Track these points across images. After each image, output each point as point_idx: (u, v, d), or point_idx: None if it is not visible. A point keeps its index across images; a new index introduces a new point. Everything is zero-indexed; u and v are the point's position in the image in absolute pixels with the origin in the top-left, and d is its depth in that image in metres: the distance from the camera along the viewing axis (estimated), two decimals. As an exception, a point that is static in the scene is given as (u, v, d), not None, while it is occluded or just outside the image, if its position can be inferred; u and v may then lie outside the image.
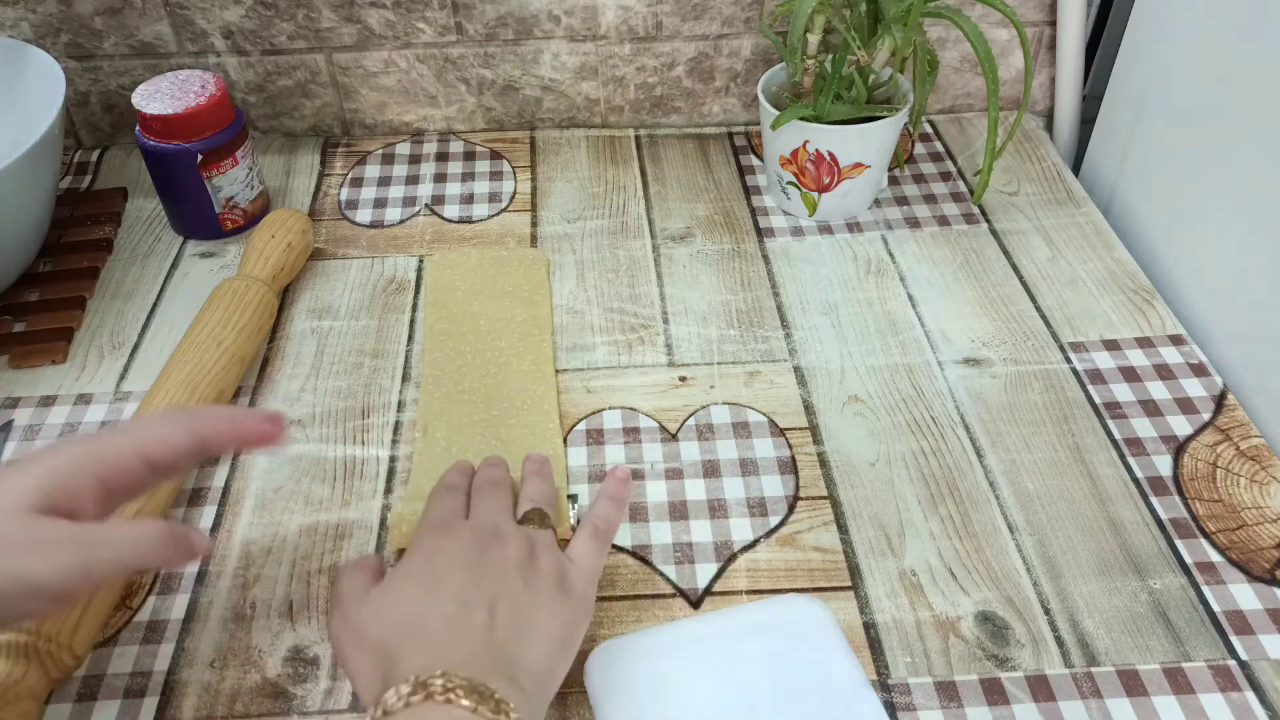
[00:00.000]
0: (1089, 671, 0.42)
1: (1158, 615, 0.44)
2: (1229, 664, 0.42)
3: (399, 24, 0.71)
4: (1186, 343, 0.57)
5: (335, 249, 0.66)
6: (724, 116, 0.77)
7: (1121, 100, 0.68)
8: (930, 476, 0.50)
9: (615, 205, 0.69)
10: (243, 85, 0.74)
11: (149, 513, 0.45)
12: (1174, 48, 0.62)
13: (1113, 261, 0.63)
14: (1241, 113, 0.55)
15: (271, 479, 0.51)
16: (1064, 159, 0.73)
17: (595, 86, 0.75)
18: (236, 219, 0.66)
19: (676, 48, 0.73)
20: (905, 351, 0.57)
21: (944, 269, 0.63)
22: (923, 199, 0.69)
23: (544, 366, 0.56)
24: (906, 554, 0.47)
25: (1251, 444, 0.51)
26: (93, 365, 0.57)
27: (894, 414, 0.53)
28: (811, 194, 0.65)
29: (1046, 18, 0.73)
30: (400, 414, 0.54)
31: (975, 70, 0.75)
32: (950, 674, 0.42)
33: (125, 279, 0.63)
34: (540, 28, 0.72)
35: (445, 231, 0.67)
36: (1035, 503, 0.49)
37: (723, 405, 0.54)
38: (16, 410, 0.54)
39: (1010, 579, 0.45)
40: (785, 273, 0.63)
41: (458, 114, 0.76)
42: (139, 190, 0.71)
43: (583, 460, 0.51)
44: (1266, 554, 0.46)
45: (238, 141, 0.63)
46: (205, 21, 0.70)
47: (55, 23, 0.70)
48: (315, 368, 0.57)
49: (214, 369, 0.51)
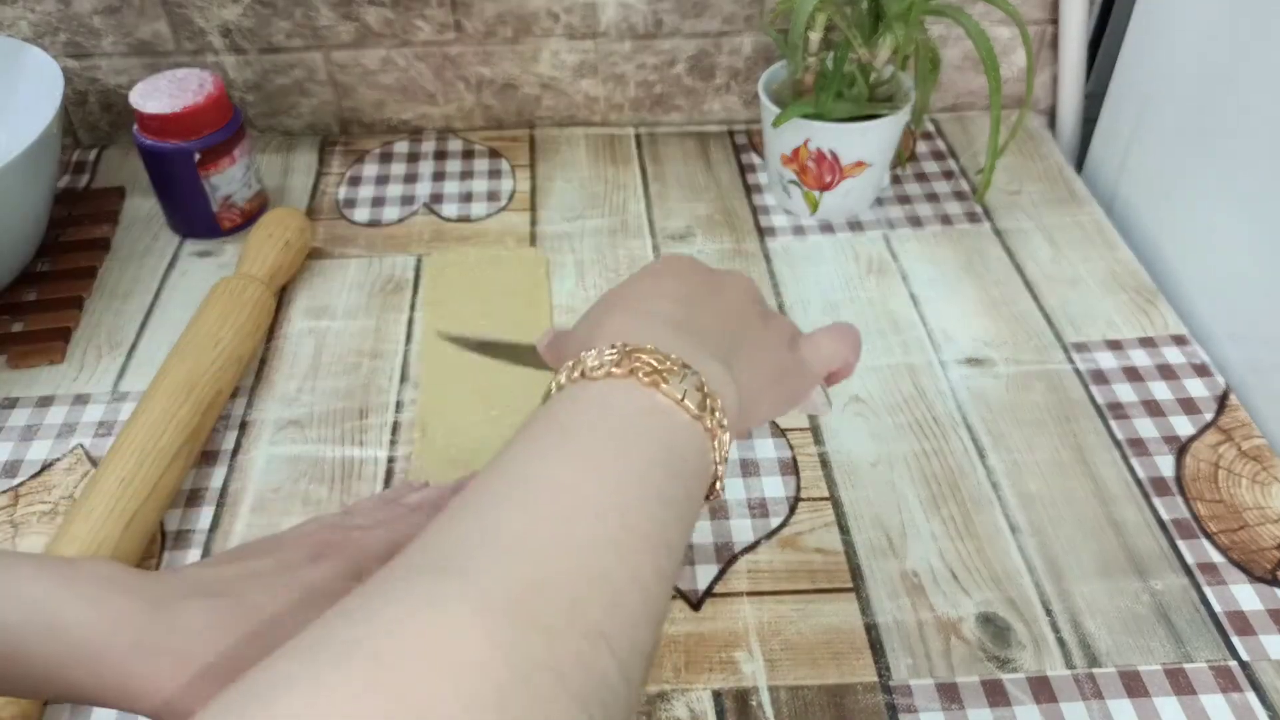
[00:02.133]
0: (1090, 672, 0.42)
1: (1159, 616, 0.44)
2: (1230, 665, 0.42)
3: (397, 22, 0.71)
4: (1189, 343, 0.57)
5: (333, 248, 0.65)
6: (725, 114, 0.76)
7: (1124, 99, 0.68)
8: (932, 477, 0.50)
9: (615, 204, 0.69)
10: (240, 84, 0.73)
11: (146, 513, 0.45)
12: (1176, 46, 0.62)
13: (1115, 261, 0.63)
14: (1244, 111, 0.55)
15: (269, 479, 0.51)
16: (1066, 158, 0.73)
17: (595, 84, 0.74)
18: (234, 218, 0.66)
19: (677, 45, 0.73)
20: (907, 351, 0.57)
21: (946, 268, 0.63)
22: (925, 198, 0.68)
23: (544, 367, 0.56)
24: (908, 555, 0.46)
25: (1253, 444, 0.51)
26: (90, 365, 0.57)
27: (896, 414, 0.53)
28: (813, 192, 0.65)
29: (1049, 16, 0.72)
30: (399, 414, 0.54)
31: (977, 68, 0.75)
32: (951, 675, 0.42)
33: (123, 278, 0.63)
34: (539, 25, 0.71)
35: (444, 230, 0.67)
36: (1037, 503, 0.49)
37: (723, 405, 0.54)
38: (15, 410, 0.54)
39: (1012, 580, 0.45)
40: (786, 272, 0.63)
41: (456, 112, 0.76)
42: (137, 189, 0.70)
43: (582, 461, 0.51)
44: (1268, 554, 0.46)
45: (235, 140, 0.63)
46: (203, 20, 0.70)
47: (53, 22, 0.70)
48: (313, 367, 0.57)
49: (212, 368, 0.51)
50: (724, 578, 0.46)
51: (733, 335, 0.32)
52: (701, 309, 0.32)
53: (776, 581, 0.45)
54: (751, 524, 0.48)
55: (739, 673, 0.42)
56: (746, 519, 0.48)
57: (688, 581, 0.45)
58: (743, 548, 0.47)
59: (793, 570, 0.46)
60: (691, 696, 0.41)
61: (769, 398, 0.34)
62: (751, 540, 0.47)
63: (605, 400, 0.28)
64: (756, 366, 0.33)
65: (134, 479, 0.45)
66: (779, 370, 0.34)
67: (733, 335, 0.32)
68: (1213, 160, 0.58)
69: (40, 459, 0.52)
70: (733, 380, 0.30)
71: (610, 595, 0.24)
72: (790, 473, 0.50)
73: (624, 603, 0.24)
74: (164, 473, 0.47)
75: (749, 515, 0.48)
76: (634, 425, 0.27)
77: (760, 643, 0.43)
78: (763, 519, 0.48)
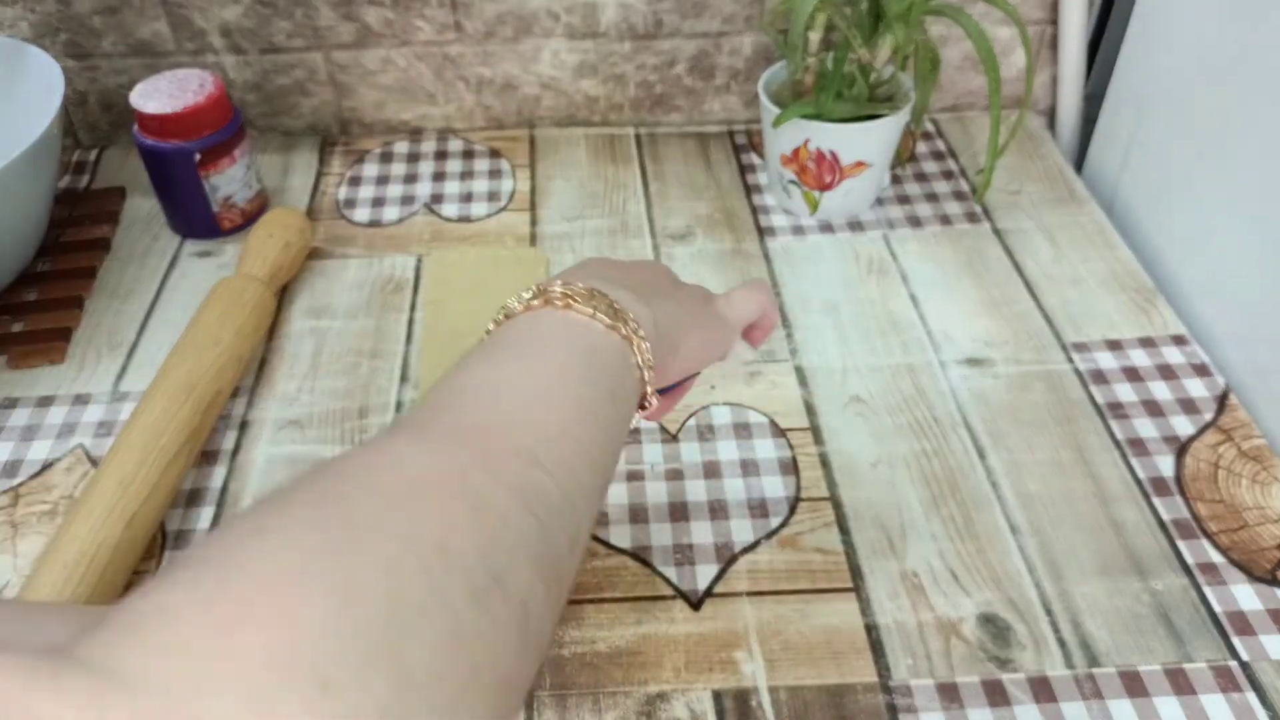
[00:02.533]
0: (1090, 673, 0.42)
1: (1159, 616, 0.44)
2: (1230, 665, 0.42)
3: (397, 22, 0.71)
4: (1189, 343, 0.57)
5: (333, 248, 0.65)
6: (725, 115, 0.77)
7: (1124, 99, 0.68)
8: (932, 477, 0.50)
9: (615, 204, 0.69)
10: (241, 84, 0.73)
11: (146, 513, 0.45)
12: (1176, 46, 0.62)
13: (1115, 261, 0.63)
14: (1244, 111, 0.55)
15: (270, 479, 0.51)
16: (1066, 158, 0.73)
17: (595, 84, 0.74)
18: (234, 218, 0.66)
19: (677, 45, 0.73)
20: (907, 351, 0.57)
21: (946, 268, 0.63)
22: (925, 198, 0.68)
23: (544, 366, 0.56)
24: (908, 555, 0.46)
25: (1253, 444, 0.51)
26: (91, 365, 0.57)
27: (896, 414, 0.53)
28: (813, 193, 0.65)
29: (1048, 16, 0.72)
30: (399, 414, 0.54)
31: (977, 68, 0.75)
32: (952, 675, 0.42)
33: (123, 278, 0.63)
34: (539, 25, 0.71)
35: (444, 230, 0.67)
36: (1037, 503, 0.49)
37: (723, 406, 0.54)
38: (15, 410, 0.54)
39: (1012, 580, 0.45)
40: (786, 272, 0.63)
41: (456, 112, 0.76)
42: (137, 190, 0.70)
43: (582, 461, 0.51)
44: (1268, 554, 0.46)
45: (236, 140, 0.63)
46: (203, 20, 0.70)
47: (53, 22, 0.70)
48: (313, 367, 0.57)
49: (212, 369, 0.51)
50: (724, 578, 0.46)
51: (647, 286, 0.36)
52: (619, 276, 0.36)
53: (776, 581, 0.45)
54: (751, 524, 0.48)
55: (739, 673, 0.42)
56: (746, 519, 0.48)
57: (688, 581, 0.45)
58: (743, 548, 0.47)
59: (793, 570, 0.46)
60: (691, 696, 0.41)
61: (691, 341, 0.37)
62: (751, 540, 0.47)
63: (528, 325, 0.33)
64: (673, 310, 0.37)
65: (134, 479, 0.45)
66: (697, 318, 0.38)
67: (647, 286, 0.36)
68: (1213, 160, 0.58)
69: (40, 459, 0.52)
70: (648, 309, 0.34)
71: (540, 434, 0.28)
72: (790, 472, 0.50)
73: (553, 442, 0.28)
74: (164, 473, 0.47)
75: (749, 515, 0.48)
76: (553, 335, 0.32)
77: (760, 643, 0.43)
78: (762, 519, 0.48)
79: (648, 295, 0.35)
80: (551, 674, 0.42)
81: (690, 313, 0.38)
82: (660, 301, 0.36)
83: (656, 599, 0.45)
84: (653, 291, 0.36)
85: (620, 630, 0.44)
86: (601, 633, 0.44)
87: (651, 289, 0.37)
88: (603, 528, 0.48)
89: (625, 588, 0.45)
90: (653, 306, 0.35)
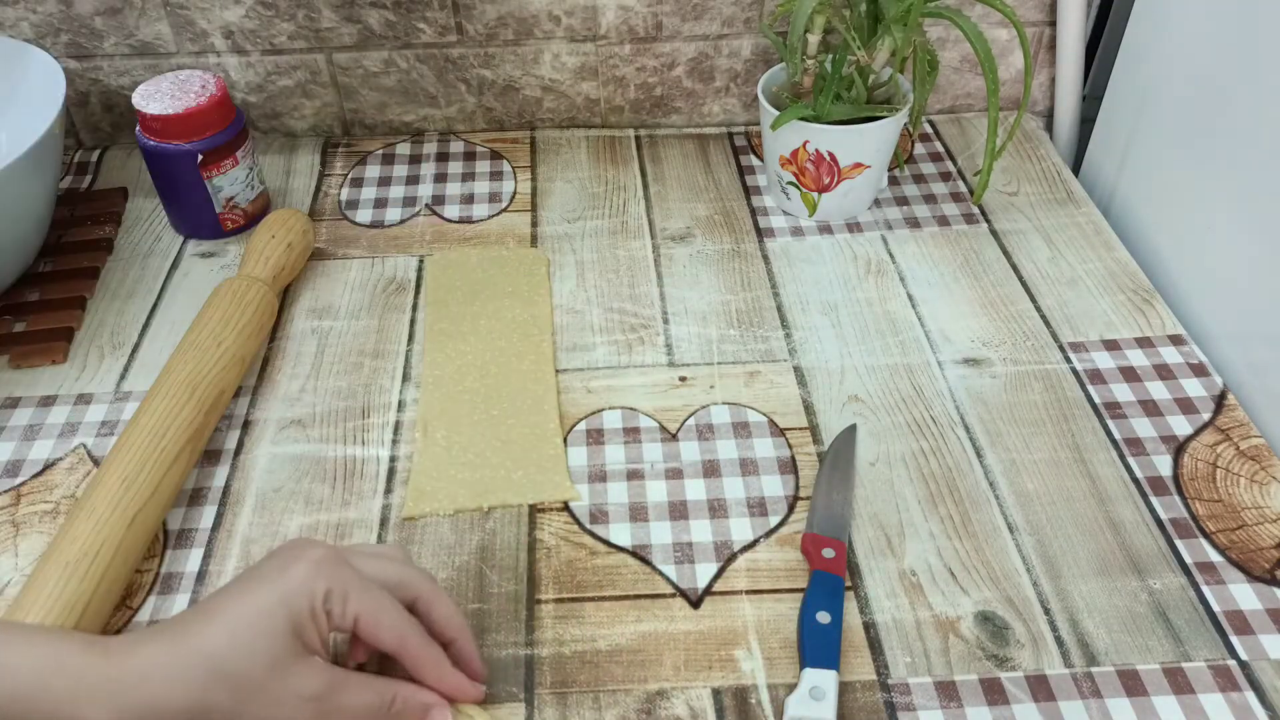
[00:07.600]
0: (1089, 671, 0.42)
1: (1157, 615, 0.44)
2: (1229, 664, 0.42)
3: (399, 24, 0.71)
4: (1186, 343, 0.57)
5: (335, 249, 0.66)
6: (724, 116, 0.77)
7: (1121, 100, 0.68)
8: (930, 476, 0.50)
9: (615, 205, 0.69)
10: (243, 85, 0.74)
11: (148, 513, 0.45)
12: (1174, 48, 0.62)
13: (1113, 261, 0.63)
14: (1242, 113, 0.55)
15: (271, 479, 0.51)
16: (1064, 159, 0.73)
17: (595, 87, 0.75)
18: (237, 219, 0.66)
19: (676, 48, 0.73)
20: (905, 351, 0.57)
21: (944, 269, 0.63)
22: (923, 199, 0.69)
23: (544, 366, 0.56)
24: (906, 554, 0.47)
25: (1251, 444, 0.51)
26: (93, 365, 0.57)
27: (894, 414, 0.53)
28: (811, 194, 0.65)
29: (1046, 18, 0.73)
30: (400, 414, 0.54)
31: (975, 70, 0.75)
32: (950, 674, 0.42)
33: (125, 279, 0.63)
34: (540, 28, 0.72)
35: (445, 231, 0.67)
36: (1035, 503, 0.49)
37: (723, 405, 0.54)
38: (17, 410, 0.54)
39: (1010, 579, 0.46)
40: (785, 273, 0.63)
41: (458, 114, 0.76)
42: (139, 190, 0.71)
43: (583, 460, 0.51)
44: (1266, 554, 0.46)
45: (238, 141, 0.63)
46: (205, 21, 0.70)
47: (55, 23, 0.70)
48: (315, 368, 0.57)
49: (214, 369, 0.51)
50: (723, 576, 0.46)
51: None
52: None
53: (775, 580, 0.46)
54: (750, 522, 0.48)
55: (738, 671, 0.42)
56: (745, 517, 0.48)
57: (687, 580, 0.46)
58: (742, 546, 0.47)
59: (792, 569, 0.46)
60: (691, 694, 0.41)
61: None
62: (750, 539, 0.47)
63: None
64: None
65: (136, 478, 0.45)
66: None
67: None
68: (1210, 161, 0.58)
69: (42, 458, 0.52)
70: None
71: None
72: (789, 471, 0.50)
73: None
74: (166, 472, 0.47)
75: (748, 514, 0.48)
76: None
77: (759, 641, 0.43)
78: (761, 518, 0.48)
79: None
80: (552, 672, 0.42)
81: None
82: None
83: (656, 597, 0.45)
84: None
85: (620, 628, 0.44)
86: (601, 631, 0.44)
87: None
88: (603, 526, 0.48)
89: (625, 586, 0.46)
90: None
